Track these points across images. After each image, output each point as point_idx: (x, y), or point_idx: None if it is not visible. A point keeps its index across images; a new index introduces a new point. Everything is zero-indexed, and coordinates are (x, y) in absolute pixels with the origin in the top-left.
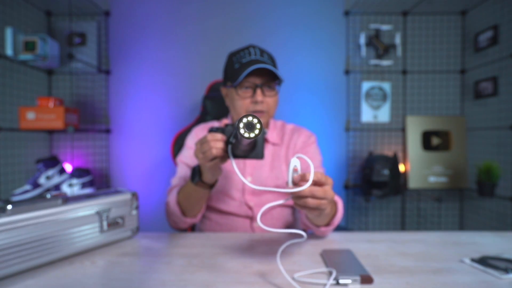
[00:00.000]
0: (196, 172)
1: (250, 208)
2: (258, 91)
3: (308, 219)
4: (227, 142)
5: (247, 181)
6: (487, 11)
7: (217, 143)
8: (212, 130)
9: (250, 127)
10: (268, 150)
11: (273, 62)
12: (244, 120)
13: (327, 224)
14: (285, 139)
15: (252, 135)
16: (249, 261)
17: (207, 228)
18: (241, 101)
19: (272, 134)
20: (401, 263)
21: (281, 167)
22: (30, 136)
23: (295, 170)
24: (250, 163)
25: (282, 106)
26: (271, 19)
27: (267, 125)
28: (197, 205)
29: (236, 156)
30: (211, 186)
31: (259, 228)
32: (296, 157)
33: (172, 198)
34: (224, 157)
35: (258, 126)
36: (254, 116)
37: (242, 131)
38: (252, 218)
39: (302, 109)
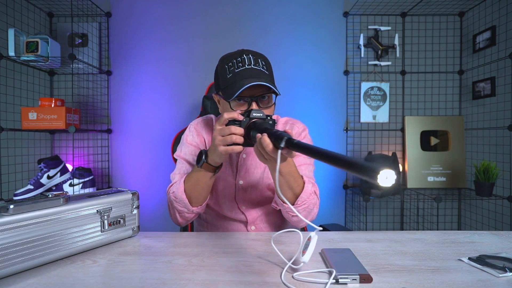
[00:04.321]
0: (201, 155)
1: (242, 213)
2: (253, 104)
3: (277, 194)
4: (245, 134)
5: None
6: (485, 12)
7: (238, 129)
8: (230, 123)
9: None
10: None
11: (268, 69)
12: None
13: (292, 203)
14: None
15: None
16: (250, 260)
17: (205, 230)
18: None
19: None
20: (400, 262)
21: None
22: (32, 136)
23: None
24: (243, 166)
25: (282, 106)
26: (271, 19)
27: None
28: (203, 192)
29: (249, 145)
30: (216, 168)
31: (254, 232)
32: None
33: (179, 187)
34: (239, 145)
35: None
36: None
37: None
38: (246, 223)
39: (301, 109)
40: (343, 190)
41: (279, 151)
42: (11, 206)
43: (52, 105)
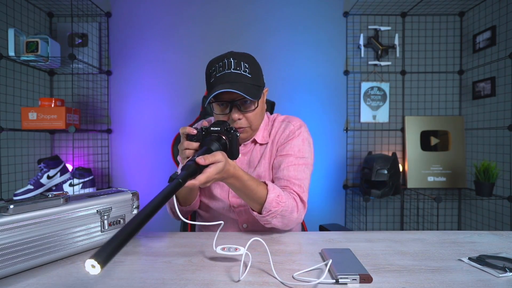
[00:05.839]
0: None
1: (234, 211)
2: (234, 109)
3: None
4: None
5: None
6: (485, 12)
7: (190, 144)
8: (188, 138)
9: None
10: (256, 150)
11: (252, 71)
12: None
13: (260, 212)
14: (272, 133)
15: None
16: (249, 260)
17: (203, 226)
18: (221, 118)
19: (259, 136)
20: (400, 262)
21: (264, 165)
22: (32, 136)
23: None
24: (240, 166)
25: (282, 106)
26: (271, 20)
27: (251, 137)
28: (188, 194)
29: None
30: None
31: (246, 230)
32: None
33: None
34: None
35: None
36: None
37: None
38: (237, 221)
39: (301, 109)
40: (343, 190)
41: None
42: (11, 206)
43: (52, 105)
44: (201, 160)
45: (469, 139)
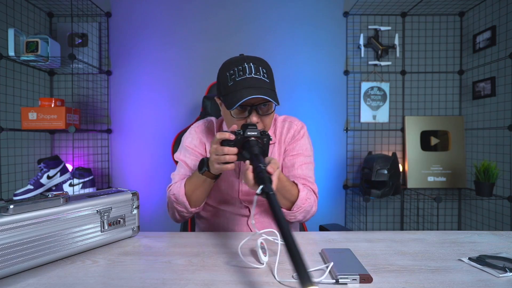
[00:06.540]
0: (204, 163)
1: (246, 206)
2: (254, 113)
3: None
4: (239, 149)
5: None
6: (485, 12)
7: (231, 150)
8: (224, 143)
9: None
10: None
11: (269, 76)
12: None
13: (289, 209)
14: (277, 133)
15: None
16: (249, 260)
17: (205, 227)
18: (236, 121)
19: None
20: (400, 262)
21: None
22: (32, 136)
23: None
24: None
25: (282, 106)
26: (271, 19)
27: None
28: (203, 195)
29: (243, 159)
30: (216, 176)
31: (255, 226)
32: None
33: (180, 191)
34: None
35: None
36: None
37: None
38: (248, 217)
39: (301, 109)
40: (343, 190)
41: (255, 197)
42: (11, 206)
43: (52, 105)
44: (271, 169)
45: (469, 139)
